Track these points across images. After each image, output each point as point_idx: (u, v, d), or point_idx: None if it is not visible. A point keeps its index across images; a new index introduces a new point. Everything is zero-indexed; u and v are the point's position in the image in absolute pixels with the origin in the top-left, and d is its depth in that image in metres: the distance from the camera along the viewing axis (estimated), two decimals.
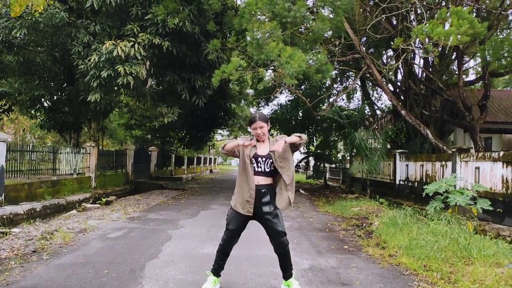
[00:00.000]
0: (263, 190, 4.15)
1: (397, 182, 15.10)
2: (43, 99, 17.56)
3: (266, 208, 4.13)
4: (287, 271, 4.32)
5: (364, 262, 5.73)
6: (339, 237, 7.60)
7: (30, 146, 14.26)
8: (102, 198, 12.69)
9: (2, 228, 7.53)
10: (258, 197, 4.14)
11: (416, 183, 13.63)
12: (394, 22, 14.94)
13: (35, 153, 13.31)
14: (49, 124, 18.84)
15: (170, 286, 4.46)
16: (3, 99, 16.65)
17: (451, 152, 11.51)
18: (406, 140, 16.47)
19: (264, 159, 4.16)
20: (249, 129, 4.31)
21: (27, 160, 12.59)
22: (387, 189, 15.62)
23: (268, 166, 4.16)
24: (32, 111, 18.87)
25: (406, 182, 14.56)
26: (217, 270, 4.34)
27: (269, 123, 4.27)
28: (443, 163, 12.02)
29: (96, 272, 4.89)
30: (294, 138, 4.02)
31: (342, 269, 5.33)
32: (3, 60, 14.77)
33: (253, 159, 4.17)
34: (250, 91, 27.81)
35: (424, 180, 12.96)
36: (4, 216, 9.08)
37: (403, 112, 13.61)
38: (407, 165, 14.50)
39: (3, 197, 9.92)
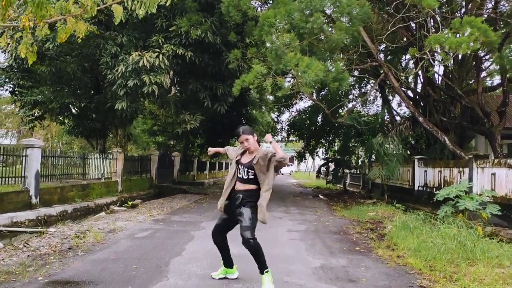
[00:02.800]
0: (237, 195, 4.70)
1: (416, 188, 15.24)
2: (72, 107, 18.43)
3: (237, 210, 4.68)
4: (259, 267, 4.67)
5: (373, 262, 6.10)
6: (352, 240, 7.97)
7: (59, 151, 15.02)
8: (128, 202, 13.32)
9: (39, 228, 8.17)
10: (233, 201, 4.72)
11: (434, 189, 13.75)
12: (413, 27, 15.14)
13: (66, 158, 14.05)
14: (77, 130, 19.68)
15: (193, 279, 4.95)
16: (36, 107, 17.55)
17: (468, 158, 11.67)
18: (426, 146, 16.59)
19: (243, 167, 4.69)
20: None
21: (59, 165, 13.33)
22: (406, 195, 15.75)
23: (245, 173, 4.65)
24: (61, 118, 19.76)
25: (424, 188, 14.70)
26: (224, 261, 4.97)
27: (254, 135, 4.75)
28: (460, 169, 12.16)
29: (126, 267, 5.42)
30: (279, 153, 4.44)
31: (351, 268, 5.71)
32: (37, 71, 15.67)
33: (239, 165, 4.74)
34: (270, 97, 28.25)
35: (442, 186, 13.07)
36: (39, 217, 9.75)
37: (420, 118, 13.80)
38: (425, 171, 14.65)
39: (38, 199, 10.62)
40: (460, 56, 14.65)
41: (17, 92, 17.64)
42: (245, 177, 4.67)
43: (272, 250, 6.68)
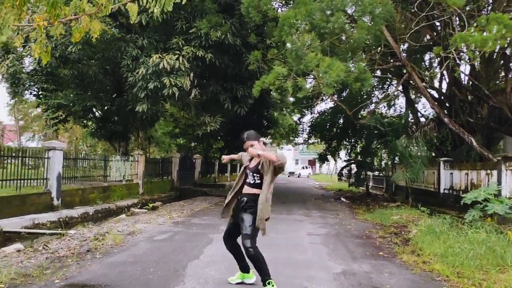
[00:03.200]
0: (241, 199, 4.63)
1: (442, 191, 14.84)
2: (94, 109, 18.67)
3: (241, 214, 4.58)
4: (261, 277, 4.53)
5: (398, 268, 5.87)
6: (376, 244, 7.72)
7: (83, 153, 15.18)
8: (149, 204, 13.33)
9: (59, 230, 8.21)
10: (238, 204, 4.66)
11: (460, 192, 13.34)
12: (438, 26, 14.76)
13: (88, 160, 14.18)
14: (99, 133, 19.90)
15: (210, 284, 4.84)
16: (59, 110, 17.83)
17: (496, 160, 11.27)
18: (452, 148, 16.15)
19: (249, 171, 4.64)
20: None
21: (81, 167, 13.45)
22: (431, 198, 15.35)
23: (252, 178, 4.59)
24: (84, 121, 20.04)
25: (450, 190, 14.30)
26: (240, 266, 4.84)
27: (260, 139, 4.69)
28: (488, 171, 11.76)
29: (143, 270, 5.34)
30: (271, 156, 4.40)
31: (375, 274, 5.50)
32: (60, 74, 15.91)
33: (246, 170, 4.68)
34: (291, 99, 28.04)
35: (469, 189, 12.66)
36: (61, 219, 9.81)
37: (446, 119, 13.44)
38: (451, 173, 14.26)
39: (59, 201, 10.72)
40: (487, 55, 14.20)
41: (41, 95, 17.97)
42: (251, 182, 4.63)
43: (291, 254, 6.54)
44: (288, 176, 56.25)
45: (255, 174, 4.58)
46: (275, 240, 7.76)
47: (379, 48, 14.63)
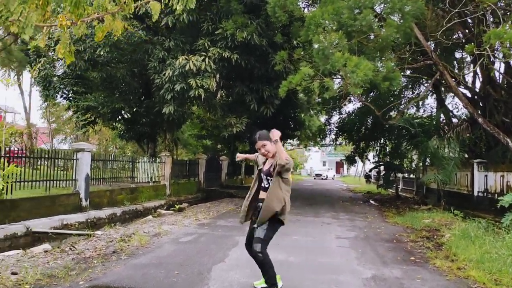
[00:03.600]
0: (258, 204, 4.44)
1: (475, 194, 14.30)
2: (123, 112, 18.91)
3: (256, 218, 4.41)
4: (266, 283, 4.44)
5: (430, 274, 5.60)
6: (407, 249, 7.44)
7: (112, 156, 15.37)
8: (175, 205, 13.36)
9: (86, 231, 8.28)
10: (256, 209, 4.47)
11: (496, 195, 12.82)
12: (470, 23, 14.25)
13: (115, 162, 14.33)
14: (128, 134, 20.15)
15: None
16: (88, 112, 18.15)
17: None
18: (486, 149, 15.57)
19: (263, 175, 4.45)
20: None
21: (109, 169, 13.61)
22: (464, 201, 14.83)
23: (266, 182, 4.40)
24: (113, 123, 20.32)
25: (485, 193, 13.76)
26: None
27: (272, 139, 4.37)
28: None
29: (167, 272, 5.27)
30: (283, 153, 4.18)
31: (406, 279, 5.26)
32: (89, 77, 16.19)
33: (261, 173, 4.49)
34: (318, 100, 27.72)
35: (505, 192, 12.17)
36: (89, 220, 9.91)
37: (480, 119, 12.94)
38: (486, 175, 13.73)
39: (88, 202, 10.84)
40: None
41: (71, 98, 18.34)
42: (266, 186, 4.42)
43: (319, 258, 6.37)
44: (314, 178, 55.80)
45: (269, 178, 4.38)
46: (302, 243, 7.60)
47: (408, 47, 14.23)
